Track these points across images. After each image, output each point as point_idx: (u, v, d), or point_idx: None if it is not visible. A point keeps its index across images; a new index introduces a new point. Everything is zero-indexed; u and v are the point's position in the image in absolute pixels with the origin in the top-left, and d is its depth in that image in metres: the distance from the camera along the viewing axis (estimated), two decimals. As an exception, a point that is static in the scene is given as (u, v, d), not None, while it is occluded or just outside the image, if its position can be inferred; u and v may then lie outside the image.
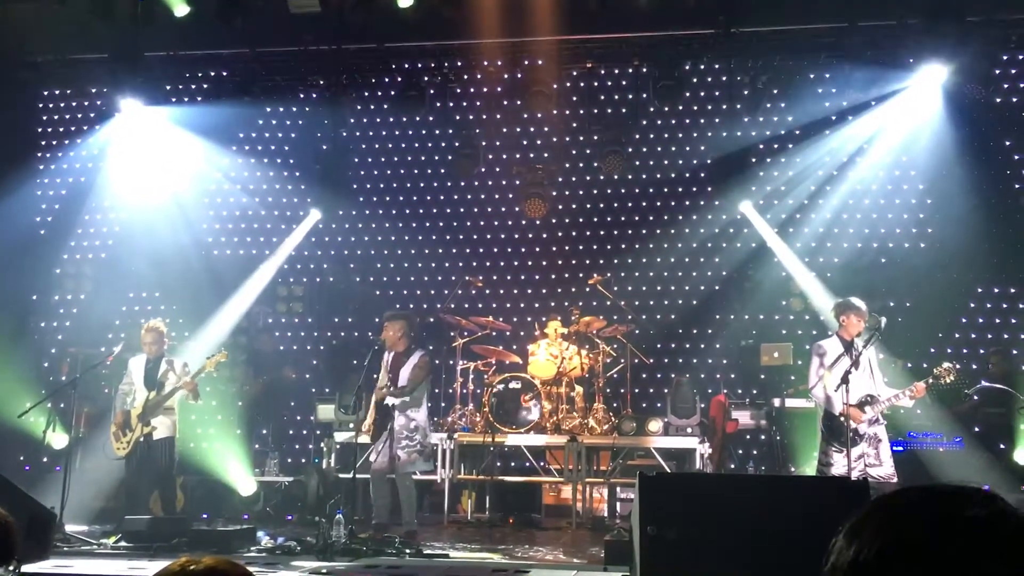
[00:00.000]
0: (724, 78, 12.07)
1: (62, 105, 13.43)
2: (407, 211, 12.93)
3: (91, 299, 12.89)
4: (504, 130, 12.74)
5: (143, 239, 12.52)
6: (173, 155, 12.48)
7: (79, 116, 13.34)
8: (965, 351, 11.14)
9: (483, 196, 12.89)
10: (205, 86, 12.57)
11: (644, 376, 11.74)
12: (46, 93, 13.31)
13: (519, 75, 11.90)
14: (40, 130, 13.44)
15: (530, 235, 12.68)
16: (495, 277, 12.52)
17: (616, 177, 12.22)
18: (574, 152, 12.75)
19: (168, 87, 12.43)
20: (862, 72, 10.85)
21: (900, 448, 9.07)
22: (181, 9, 10.28)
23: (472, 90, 12.59)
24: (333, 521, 7.27)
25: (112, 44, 10.92)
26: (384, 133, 13.04)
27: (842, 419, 7.35)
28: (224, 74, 12.29)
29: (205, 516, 9.96)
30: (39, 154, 13.20)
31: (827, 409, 7.60)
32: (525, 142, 12.85)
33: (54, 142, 13.30)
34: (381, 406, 8.70)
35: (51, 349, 12.73)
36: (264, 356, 12.45)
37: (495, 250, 12.74)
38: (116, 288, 12.71)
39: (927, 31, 10.07)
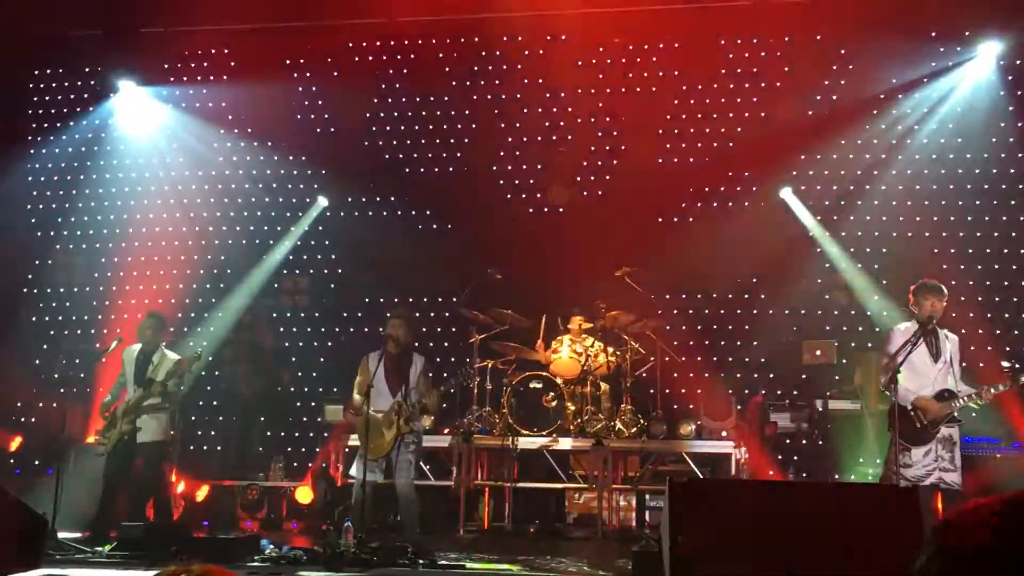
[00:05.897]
0: (763, 53, 11.93)
1: (54, 85, 13.48)
2: (420, 198, 12.85)
3: (84, 292, 12.94)
4: (525, 110, 12.67)
5: (140, 227, 12.58)
6: (171, 138, 12.55)
7: (72, 97, 13.39)
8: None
9: (502, 182, 12.77)
10: (205, 64, 12.62)
11: (675, 375, 11.63)
12: (36, 72, 13.39)
13: (541, 52, 11.85)
14: (31, 112, 13.49)
15: (553, 223, 12.60)
16: (515, 268, 12.43)
17: (646, 161, 12.13)
18: (600, 134, 12.63)
19: (166, 65, 12.48)
20: (913, 47, 10.73)
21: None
22: (179, -18, 10.36)
23: (491, 68, 12.55)
24: (342, 529, 7.29)
25: (107, 20, 11.00)
26: (396, 115, 12.93)
27: (912, 413, 7.25)
28: (225, 51, 12.33)
29: (206, 523, 10.02)
30: (30, 137, 13.30)
31: (900, 403, 7.22)
32: (547, 123, 12.72)
33: (45, 124, 13.35)
34: (388, 417, 8.48)
35: (43, 345, 12.81)
36: (266, 352, 12.47)
37: (515, 239, 12.65)
38: (111, 280, 12.75)
39: (983, 1, 9.97)
